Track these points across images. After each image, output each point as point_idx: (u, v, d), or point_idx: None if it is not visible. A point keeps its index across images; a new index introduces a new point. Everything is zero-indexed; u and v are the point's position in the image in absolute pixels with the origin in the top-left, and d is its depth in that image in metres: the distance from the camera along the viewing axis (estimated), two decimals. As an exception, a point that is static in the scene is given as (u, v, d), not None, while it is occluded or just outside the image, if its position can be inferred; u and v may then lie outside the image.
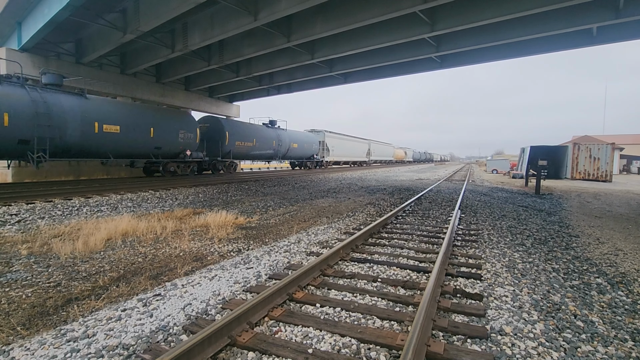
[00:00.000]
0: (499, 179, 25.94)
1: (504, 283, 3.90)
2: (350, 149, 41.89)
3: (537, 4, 10.36)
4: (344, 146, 39.74)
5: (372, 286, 3.79)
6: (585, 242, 6.20)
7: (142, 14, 11.99)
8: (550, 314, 3.16)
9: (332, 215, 8.64)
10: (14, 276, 4.20)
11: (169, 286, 3.78)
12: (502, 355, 2.46)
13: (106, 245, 5.63)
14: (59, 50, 15.89)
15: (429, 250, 5.24)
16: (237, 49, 15.63)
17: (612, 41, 13.40)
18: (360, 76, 21.08)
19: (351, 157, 42.17)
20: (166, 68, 19.67)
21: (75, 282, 4.04)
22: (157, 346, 2.51)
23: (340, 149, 38.49)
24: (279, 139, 25.90)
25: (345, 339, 2.64)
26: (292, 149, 28.01)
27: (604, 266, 4.78)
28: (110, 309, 3.23)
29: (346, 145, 40.32)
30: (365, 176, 24.92)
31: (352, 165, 44.15)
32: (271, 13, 11.17)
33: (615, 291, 3.83)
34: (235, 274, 4.16)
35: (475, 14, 11.49)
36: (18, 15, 13.97)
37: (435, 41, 14.69)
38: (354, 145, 43.34)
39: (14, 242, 5.70)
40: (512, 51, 15.52)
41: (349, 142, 41.62)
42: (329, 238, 6.06)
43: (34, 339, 2.68)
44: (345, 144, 40.03)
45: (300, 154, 30.13)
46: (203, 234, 6.53)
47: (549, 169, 15.40)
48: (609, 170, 23.33)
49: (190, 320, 2.94)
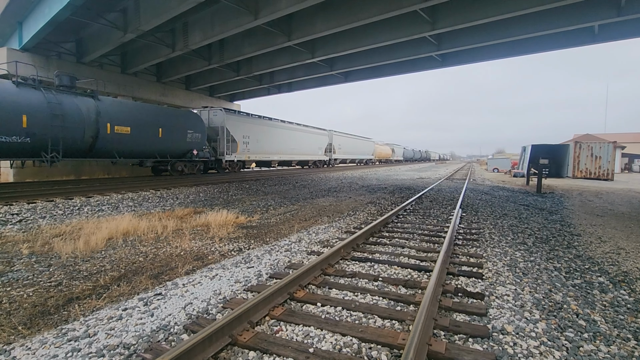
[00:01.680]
0: (500, 178, 25.90)
1: (505, 282, 3.89)
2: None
3: (539, 2, 10.33)
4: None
5: (373, 285, 3.78)
6: (587, 241, 6.18)
7: (143, 13, 11.99)
8: (552, 313, 3.15)
9: (333, 214, 8.63)
10: (15, 275, 4.20)
11: (170, 285, 3.78)
12: (504, 354, 2.45)
13: (107, 245, 5.64)
14: (60, 50, 15.91)
15: (430, 249, 5.23)
16: (237, 48, 15.63)
17: (614, 39, 13.36)
18: (361, 75, 21.06)
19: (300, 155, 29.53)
20: (167, 67, 19.68)
21: (77, 282, 4.05)
22: (158, 345, 2.51)
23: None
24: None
25: (347, 338, 2.63)
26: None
27: (606, 265, 4.76)
28: (111, 308, 3.23)
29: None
30: (366, 175, 24.90)
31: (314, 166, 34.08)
32: (272, 12, 11.16)
33: (617, 290, 3.82)
34: (236, 273, 4.15)
35: (476, 12, 11.46)
36: (19, 15, 13.98)
37: (436, 40, 14.66)
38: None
39: (16, 241, 5.71)
40: (514, 49, 15.48)
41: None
42: (329, 237, 6.06)
43: (35, 338, 2.68)
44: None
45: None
46: (204, 233, 6.53)
47: (550, 168, 15.37)
48: (611, 168, 23.30)
49: (191, 320, 2.94)
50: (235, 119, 21.04)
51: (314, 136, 31.76)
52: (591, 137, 35.83)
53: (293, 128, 28.14)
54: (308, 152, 30.79)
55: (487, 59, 16.60)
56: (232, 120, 20.60)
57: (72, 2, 10.50)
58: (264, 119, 24.44)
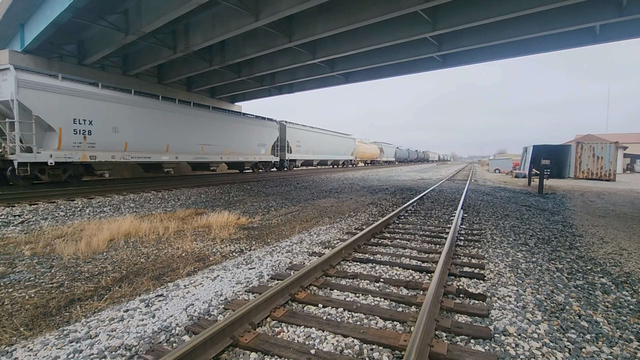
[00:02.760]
0: (501, 179, 25.85)
1: (507, 283, 3.87)
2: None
3: (540, 3, 10.31)
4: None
5: (375, 286, 3.78)
6: (589, 242, 6.16)
7: (144, 15, 12.02)
8: (554, 314, 3.14)
9: (334, 216, 8.63)
10: (17, 277, 4.21)
11: (172, 287, 3.78)
12: (506, 355, 2.44)
13: (109, 246, 5.65)
14: (62, 52, 15.97)
15: (431, 250, 5.22)
16: (238, 49, 15.65)
17: (616, 39, 13.32)
18: (362, 76, 21.06)
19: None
20: (168, 69, 19.72)
21: (78, 283, 4.05)
22: (159, 347, 2.51)
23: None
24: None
25: (348, 340, 2.63)
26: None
27: (608, 266, 4.74)
28: (113, 309, 3.23)
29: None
30: (367, 176, 24.90)
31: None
32: (272, 13, 11.17)
33: (619, 291, 3.80)
34: (238, 274, 4.15)
35: (477, 12, 11.45)
36: (21, 17, 14.04)
37: (437, 40, 14.65)
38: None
39: (17, 242, 5.72)
40: (515, 50, 15.46)
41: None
42: (331, 238, 6.05)
43: (37, 339, 2.68)
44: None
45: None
46: (205, 235, 6.53)
47: (551, 168, 15.34)
48: (613, 169, 23.22)
49: (192, 321, 2.94)
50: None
51: (251, 128, 22.12)
52: (593, 137, 35.74)
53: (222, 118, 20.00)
54: (242, 151, 21.56)
55: (489, 59, 16.56)
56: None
57: (73, 4, 10.54)
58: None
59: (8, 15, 13.95)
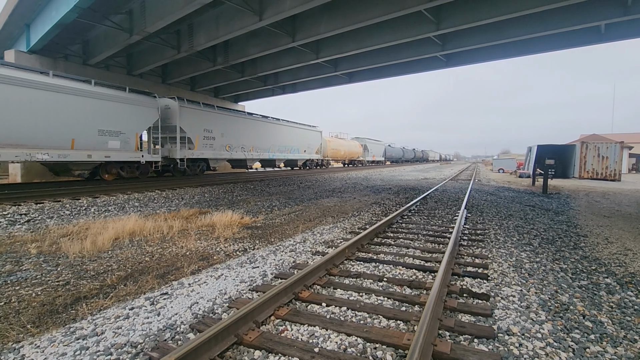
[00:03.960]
0: (505, 179, 25.73)
1: (511, 283, 3.87)
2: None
3: (544, 2, 10.26)
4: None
5: (378, 286, 3.79)
6: (594, 242, 6.13)
7: (148, 15, 12.09)
8: (558, 314, 3.13)
9: (337, 215, 8.64)
10: (24, 275, 4.26)
11: (176, 285, 3.81)
12: (510, 355, 2.44)
13: (114, 245, 5.69)
14: (67, 52, 16.10)
15: (435, 249, 5.22)
16: (242, 49, 15.70)
17: (621, 38, 13.24)
18: (365, 75, 21.06)
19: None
20: (172, 69, 19.82)
21: (84, 281, 4.09)
22: (164, 344, 2.53)
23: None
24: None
25: (352, 339, 2.64)
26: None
27: (612, 266, 4.72)
28: (119, 307, 3.26)
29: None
30: (370, 176, 24.88)
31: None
32: (276, 13, 11.20)
33: (624, 291, 3.78)
34: (242, 273, 4.18)
35: (481, 12, 11.41)
36: (26, 17, 14.17)
37: (441, 40, 14.62)
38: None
39: (24, 241, 5.78)
40: (519, 49, 15.39)
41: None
42: (334, 237, 6.06)
43: (43, 336, 2.72)
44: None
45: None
46: (209, 234, 6.56)
47: (556, 168, 15.24)
48: (618, 169, 23.03)
49: (197, 319, 2.96)
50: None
51: (110, 105, 13.17)
52: (598, 137, 35.49)
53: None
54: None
55: (493, 58, 16.51)
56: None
57: (78, 5, 10.63)
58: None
59: (14, 16, 14.08)
